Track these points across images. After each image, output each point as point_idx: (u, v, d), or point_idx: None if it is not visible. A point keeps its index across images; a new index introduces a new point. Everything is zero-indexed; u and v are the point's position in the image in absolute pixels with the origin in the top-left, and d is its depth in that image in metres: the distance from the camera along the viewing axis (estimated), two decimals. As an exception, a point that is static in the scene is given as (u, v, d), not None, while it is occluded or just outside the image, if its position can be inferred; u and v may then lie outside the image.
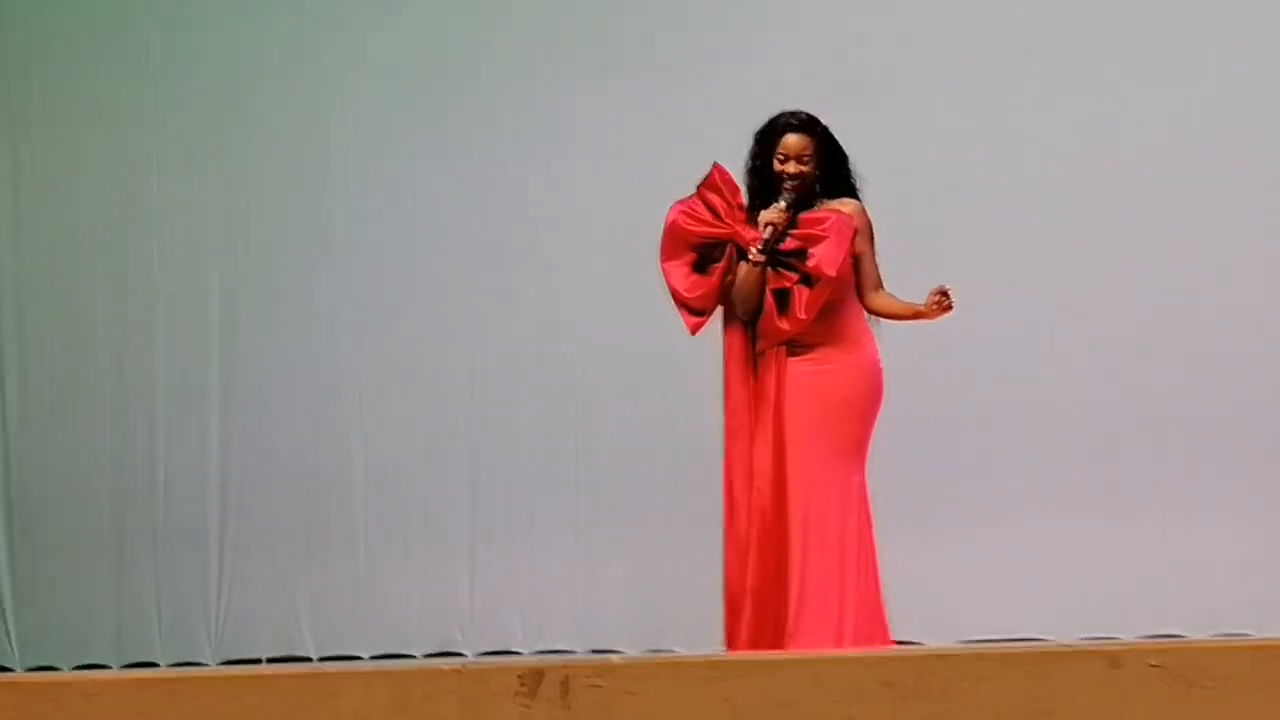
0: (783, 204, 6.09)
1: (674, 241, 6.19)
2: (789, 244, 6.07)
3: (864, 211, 6.18)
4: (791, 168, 6.12)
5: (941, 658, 3.92)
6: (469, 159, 8.85)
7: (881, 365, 6.20)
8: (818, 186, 6.17)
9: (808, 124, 6.17)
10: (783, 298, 6.07)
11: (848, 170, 6.22)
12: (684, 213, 6.17)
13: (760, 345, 6.13)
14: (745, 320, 6.14)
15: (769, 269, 6.07)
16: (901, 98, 8.38)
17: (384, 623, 8.74)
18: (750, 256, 6.07)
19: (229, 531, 8.96)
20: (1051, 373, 8.20)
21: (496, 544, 8.75)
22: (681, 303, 6.18)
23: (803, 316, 6.04)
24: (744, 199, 6.19)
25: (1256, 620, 7.76)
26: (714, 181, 6.17)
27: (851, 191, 6.21)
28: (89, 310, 9.13)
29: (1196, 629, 7.82)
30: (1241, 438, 8.00)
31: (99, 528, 9.01)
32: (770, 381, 6.09)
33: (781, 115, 6.21)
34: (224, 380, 9.02)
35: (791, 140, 6.14)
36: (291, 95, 9.05)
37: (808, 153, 6.13)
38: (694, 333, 6.22)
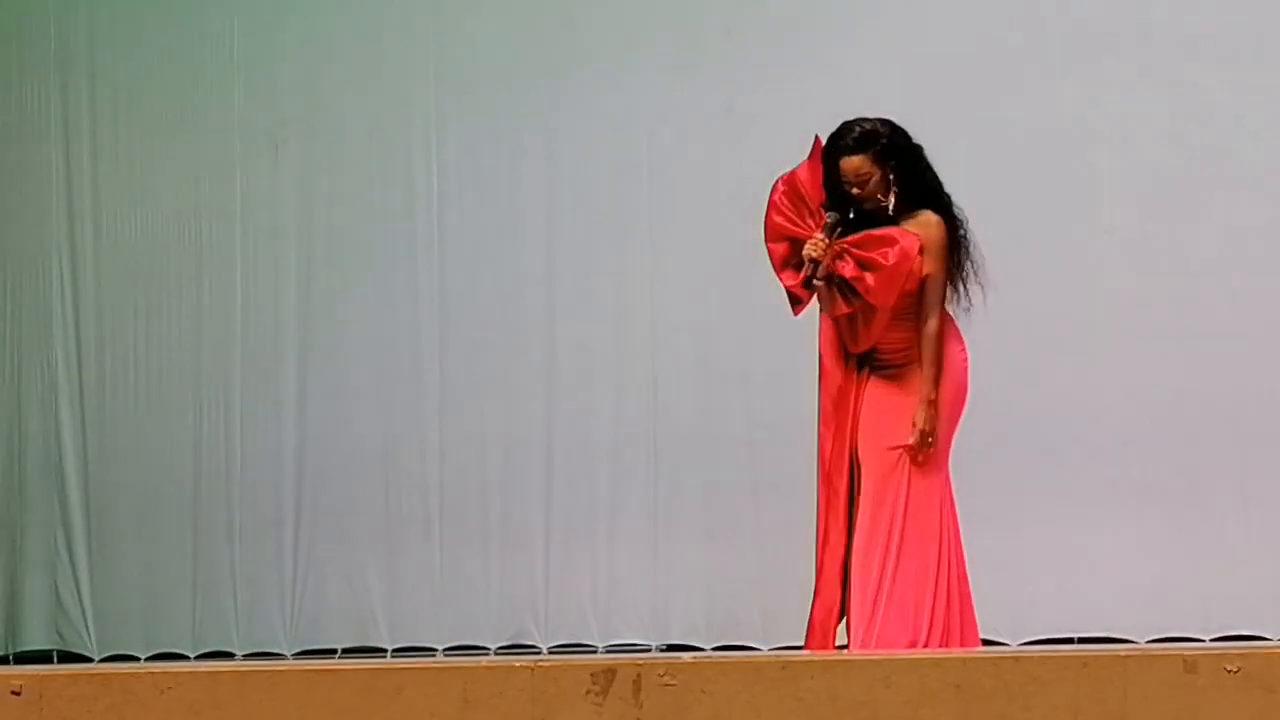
0: (823, 236, 5.90)
1: (769, 226, 6.05)
2: (847, 271, 5.88)
3: (941, 225, 5.93)
4: (854, 192, 5.94)
5: (1015, 660, 3.89)
6: (547, 150, 8.85)
7: (967, 366, 6.05)
8: (895, 198, 5.95)
9: (861, 141, 5.92)
10: (848, 319, 5.99)
11: (924, 171, 5.98)
12: (774, 203, 6.03)
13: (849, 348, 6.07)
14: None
15: (831, 288, 5.95)
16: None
17: (458, 615, 8.75)
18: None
19: (305, 522, 8.99)
20: (1130, 365, 8.13)
21: (572, 537, 8.75)
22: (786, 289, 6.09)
23: (864, 338, 5.97)
24: (823, 203, 6.01)
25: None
26: (796, 179, 6.04)
27: (933, 200, 5.98)
28: (167, 301, 9.18)
29: (1278, 630, 7.75)
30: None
31: (176, 517, 9.06)
32: (851, 389, 6.02)
33: (840, 131, 5.98)
34: (301, 370, 9.05)
35: (847, 164, 5.92)
36: (371, 88, 9.08)
37: (864, 171, 5.90)
38: (795, 315, 6.12)
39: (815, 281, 5.92)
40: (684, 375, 8.67)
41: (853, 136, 5.96)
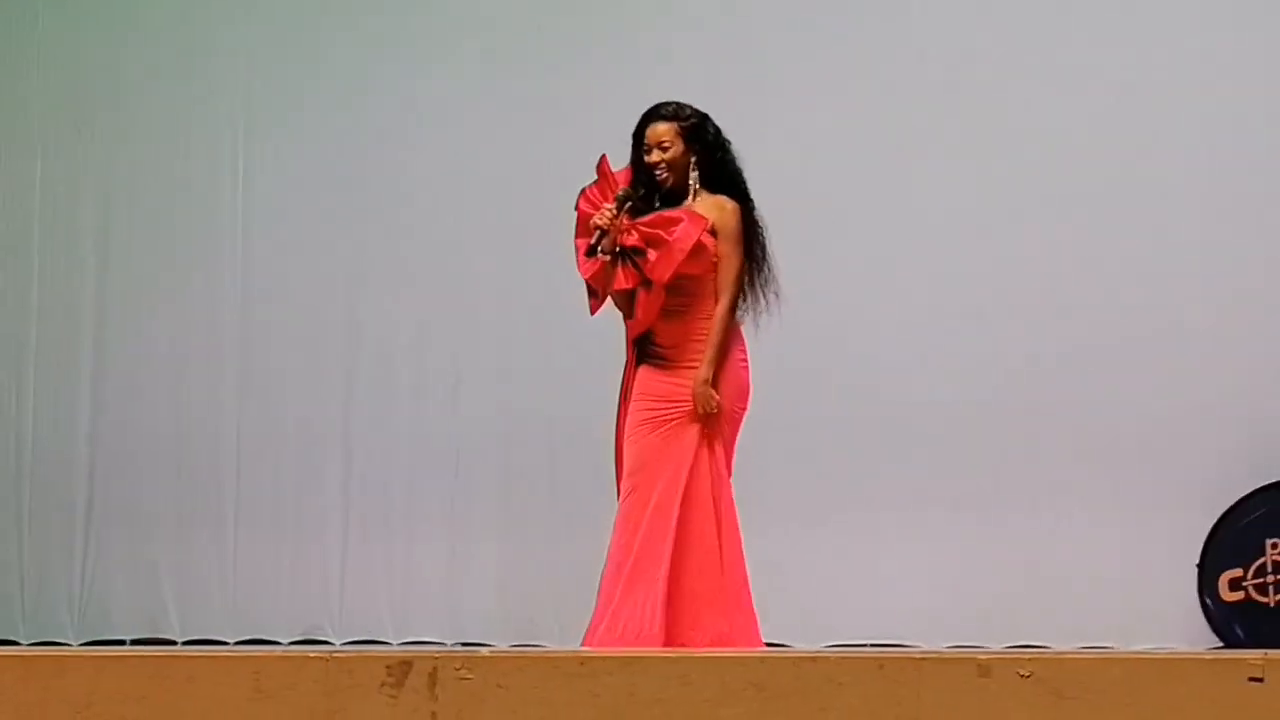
0: (612, 207, 5.94)
1: (580, 221, 6.08)
2: (632, 241, 5.94)
3: (737, 211, 6.00)
4: (654, 156, 6.01)
5: (813, 660, 3.90)
6: (356, 140, 8.80)
7: (747, 368, 6.05)
8: (695, 181, 6.03)
9: (671, 113, 6.04)
10: (627, 298, 6.01)
11: (728, 164, 6.06)
12: (585, 194, 6.08)
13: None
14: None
15: (620, 266, 5.97)
16: (799, 96, 8.40)
17: (251, 609, 8.67)
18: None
19: (96, 510, 8.86)
20: (926, 378, 8.21)
21: (368, 533, 8.69)
22: (584, 281, 6.10)
23: (639, 318, 5.99)
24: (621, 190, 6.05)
25: (1124, 632, 7.81)
26: (607, 169, 6.08)
27: (732, 192, 6.05)
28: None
29: (1064, 640, 7.85)
30: (1112, 449, 8.03)
31: (-37, 503, 8.90)
32: (630, 382, 6.05)
33: (654, 105, 6.09)
34: (97, 356, 8.92)
35: (652, 128, 6.03)
36: (178, 72, 8.99)
37: (668, 139, 5.99)
38: (592, 314, 6.13)
39: (601, 252, 5.94)
40: (485, 373, 8.64)
41: (666, 108, 6.07)
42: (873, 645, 7.81)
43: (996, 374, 8.15)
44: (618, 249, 5.94)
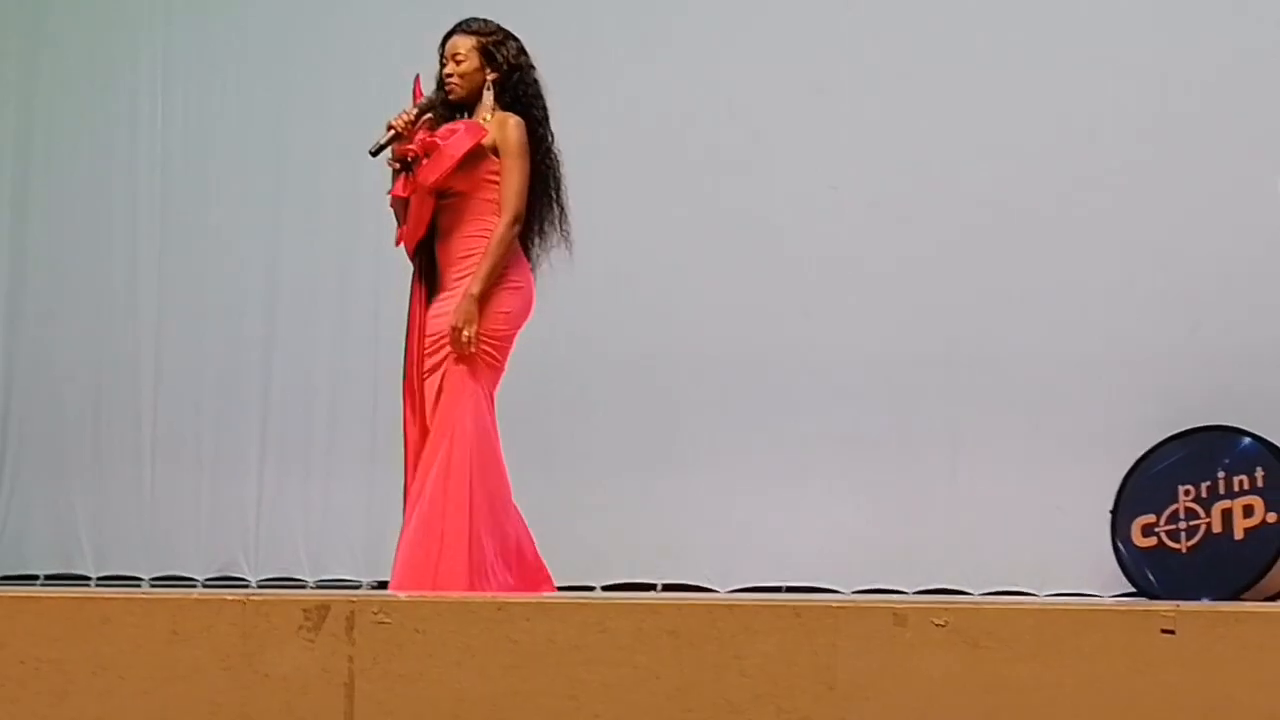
0: (413, 110, 5.94)
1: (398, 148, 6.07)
2: (409, 150, 5.92)
3: (520, 126, 5.94)
4: (449, 68, 6.01)
5: (729, 608, 3.92)
6: (278, 73, 8.76)
7: (513, 293, 5.95)
8: (489, 99, 6.00)
9: (476, 28, 6.03)
10: (402, 206, 5.97)
11: (525, 86, 6.02)
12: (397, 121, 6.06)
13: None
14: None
15: (403, 175, 5.93)
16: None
17: (166, 545, 8.64)
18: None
19: (9, 445, 8.81)
20: (841, 321, 8.22)
21: (286, 470, 8.67)
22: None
23: (410, 225, 5.95)
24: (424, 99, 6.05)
25: (1037, 577, 7.87)
26: (417, 89, 6.07)
27: (526, 108, 6.00)
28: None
29: (977, 583, 7.91)
30: (1027, 394, 8.08)
31: (-126, 437, 8.83)
32: (414, 311, 6.06)
33: (461, 20, 6.09)
34: (12, 290, 8.86)
35: (452, 41, 6.03)
36: (95, 4, 8.91)
37: (461, 52, 5.98)
38: (397, 244, 6.10)
39: (390, 160, 5.92)
40: (404, 311, 8.60)
41: (472, 23, 6.06)
42: (787, 589, 7.85)
43: (912, 318, 8.17)
44: (408, 158, 5.92)
